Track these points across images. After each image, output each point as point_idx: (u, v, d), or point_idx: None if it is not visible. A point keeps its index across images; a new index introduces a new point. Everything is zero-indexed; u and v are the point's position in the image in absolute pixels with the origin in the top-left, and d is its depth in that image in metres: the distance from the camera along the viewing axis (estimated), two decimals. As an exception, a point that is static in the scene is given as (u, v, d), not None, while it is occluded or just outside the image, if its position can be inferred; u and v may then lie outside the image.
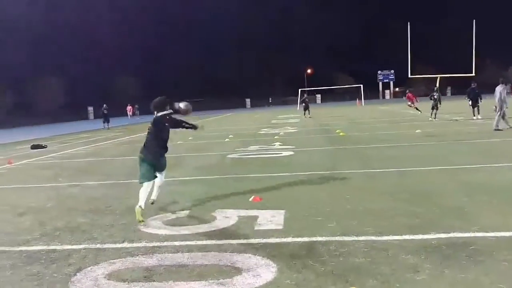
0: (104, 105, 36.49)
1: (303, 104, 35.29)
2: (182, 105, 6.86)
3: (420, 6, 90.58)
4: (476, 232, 5.08)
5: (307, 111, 34.13)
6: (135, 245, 5.39)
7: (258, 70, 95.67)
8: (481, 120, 21.14)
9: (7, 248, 5.56)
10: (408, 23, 46.99)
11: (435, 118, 23.04)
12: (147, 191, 6.54)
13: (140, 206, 6.37)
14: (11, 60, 64.07)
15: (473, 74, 48.00)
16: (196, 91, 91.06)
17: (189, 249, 5.10)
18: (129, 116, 56.97)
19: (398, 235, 5.17)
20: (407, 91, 35.85)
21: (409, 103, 29.63)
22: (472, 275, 3.96)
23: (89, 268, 4.69)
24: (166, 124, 6.64)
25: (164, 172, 7.01)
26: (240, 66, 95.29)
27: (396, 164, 10.13)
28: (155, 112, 6.67)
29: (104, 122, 35.43)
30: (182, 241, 5.41)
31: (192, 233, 5.68)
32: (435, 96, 23.42)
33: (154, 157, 6.63)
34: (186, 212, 6.81)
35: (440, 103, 23.63)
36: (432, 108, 23.42)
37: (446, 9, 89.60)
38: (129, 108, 57.74)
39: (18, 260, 5.11)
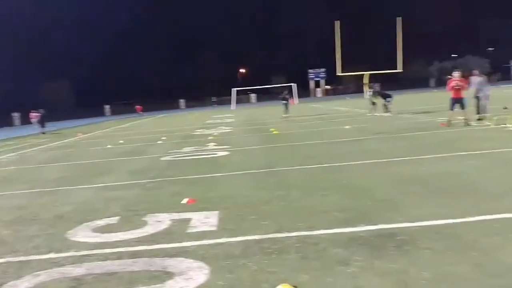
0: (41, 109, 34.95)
1: (283, 101, 29.22)
2: None
3: (348, 4, 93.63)
4: (402, 223, 5.27)
5: (287, 110, 28.67)
6: (62, 255, 5.13)
7: (191, 70, 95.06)
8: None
9: None
10: (338, 21, 48.35)
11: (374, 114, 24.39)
12: None
13: None
14: None
15: (400, 70, 50.47)
16: (126, 92, 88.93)
17: (119, 256, 4.92)
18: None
19: (328, 229, 5.26)
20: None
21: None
22: (400, 265, 4.08)
23: (11, 283, 4.42)
24: None
25: None
26: (171, 67, 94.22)
27: (330, 160, 10.32)
28: None
29: (42, 127, 33.83)
30: (112, 248, 5.21)
31: (122, 240, 5.49)
32: (370, 93, 26.42)
33: None
34: (116, 218, 6.58)
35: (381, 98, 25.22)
36: (373, 104, 25.95)
37: (373, 7, 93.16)
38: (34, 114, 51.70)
39: None
